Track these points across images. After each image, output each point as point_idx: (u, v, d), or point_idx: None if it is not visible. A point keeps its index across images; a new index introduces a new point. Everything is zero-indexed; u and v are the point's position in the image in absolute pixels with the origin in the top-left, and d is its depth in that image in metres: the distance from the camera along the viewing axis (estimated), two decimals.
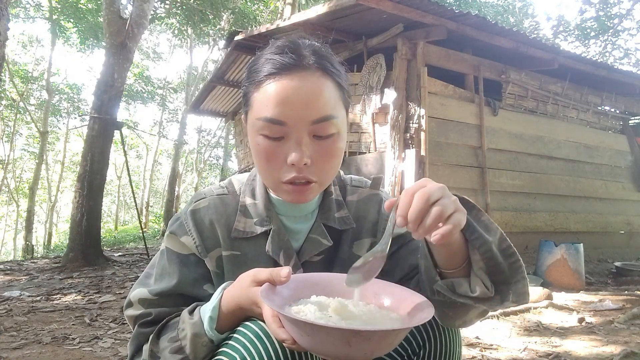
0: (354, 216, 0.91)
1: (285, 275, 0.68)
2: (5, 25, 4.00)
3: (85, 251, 5.49)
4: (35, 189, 14.77)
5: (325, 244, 0.87)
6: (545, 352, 2.37)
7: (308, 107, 0.75)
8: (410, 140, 4.52)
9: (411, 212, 0.61)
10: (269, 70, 0.76)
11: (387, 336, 0.60)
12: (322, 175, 0.80)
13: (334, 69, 0.80)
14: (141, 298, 0.83)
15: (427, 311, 0.65)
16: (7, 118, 17.34)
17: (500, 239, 0.68)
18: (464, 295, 0.70)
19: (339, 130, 0.79)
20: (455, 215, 0.61)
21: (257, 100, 0.77)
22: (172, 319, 0.81)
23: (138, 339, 0.82)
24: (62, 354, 2.35)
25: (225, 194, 0.90)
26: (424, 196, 0.61)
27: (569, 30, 14.32)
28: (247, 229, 0.86)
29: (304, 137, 0.76)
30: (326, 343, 0.58)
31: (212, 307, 0.74)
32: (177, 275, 0.84)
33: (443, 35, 4.36)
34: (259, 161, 0.80)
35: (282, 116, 0.74)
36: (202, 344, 0.73)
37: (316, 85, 0.76)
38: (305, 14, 4.79)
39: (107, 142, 5.84)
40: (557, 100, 5.81)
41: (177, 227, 0.87)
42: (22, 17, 12.93)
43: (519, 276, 0.69)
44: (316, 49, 0.79)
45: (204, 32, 12.44)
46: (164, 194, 19.42)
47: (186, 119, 16.65)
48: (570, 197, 5.82)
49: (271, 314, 0.66)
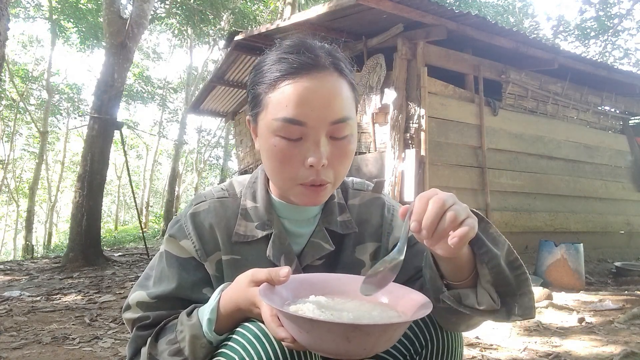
0: (356, 220, 0.91)
1: (285, 275, 0.68)
2: (5, 25, 4.00)
3: (85, 251, 5.50)
4: (35, 189, 14.77)
5: (328, 248, 0.86)
6: (545, 352, 2.37)
7: (328, 108, 0.74)
8: (410, 140, 4.52)
9: (427, 217, 0.61)
10: (286, 70, 0.75)
11: (386, 331, 0.59)
12: (336, 176, 0.80)
13: (347, 69, 0.80)
14: (139, 301, 0.83)
15: (425, 307, 0.65)
16: (7, 118, 17.34)
17: (508, 251, 0.68)
18: (470, 307, 0.69)
19: (353, 132, 0.79)
20: (469, 220, 0.62)
21: (274, 101, 0.76)
22: (170, 322, 0.80)
23: (136, 342, 0.81)
24: (62, 354, 2.35)
25: (225, 196, 0.89)
26: (439, 202, 0.61)
27: (569, 30, 14.33)
28: (248, 233, 0.85)
29: (322, 138, 0.75)
30: (325, 339, 0.58)
31: (211, 309, 0.73)
32: (176, 279, 0.83)
33: (443, 35, 4.36)
34: (273, 162, 0.78)
35: (302, 116, 0.74)
36: (201, 346, 0.73)
37: (335, 86, 0.76)
38: (305, 14, 4.79)
39: (107, 142, 5.84)
40: (557, 100, 5.81)
41: (177, 230, 0.86)
42: (22, 17, 12.93)
43: (525, 289, 0.68)
44: (329, 50, 0.80)
45: (204, 32, 12.44)
46: (164, 194, 19.42)
47: (186, 119, 16.66)
48: (570, 197, 5.82)
49: (270, 312, 0.65)
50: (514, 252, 0.69)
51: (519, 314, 0.68)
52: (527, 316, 0.68)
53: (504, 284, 0.67)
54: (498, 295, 0.68)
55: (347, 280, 0.77)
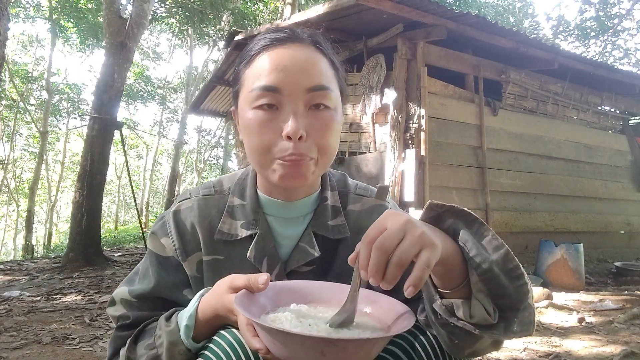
0: (354, 227, 0.85)
1: (263, 282, 0.65)
2: (5, 25, 4.00)
3: (85, 251, 5.49)
4: (35, 189, 14.77)
5: (312, 253, 0.81)
6: (545, 352, 2.37)
7: (303, 73, 0.72)
8: (410, 140, 4.52)
9: (370, 267, 0.55)
10: (262, 45, 0.75)
11: (363, 346, 0.56)
12: (320, 151, 0.74)
13: (327, 48, 0.79)
14: (122, 298, 0.83)
15: (407, 320, 0.62)
16: (7, 118, 17.33)
17: (506, 258, 0.61)
18: (463, 319, 0.62)
19: (335, 107, 0.76)
20: (421, 257, 0.55)
21: (250, 75, 0.75)
22: (150, 324, 0.79)
23: (116, 342, 0.81)
24: (62, 354, 2.35)
25: (211, 194, 0.86)
26: (381, 247, 0.55)
27: (569, 30, 14.33)
28: (232, 232, 0.82)
29: (300, 106, 0.72)
30: (300, 353, 0.56)
31: (189, 315, 0.72)
32: (155, 278, 0.82)
33: (443, 35, 4.36)
34: (250, 138, 0.74)
35: (276, 82, 0.71)
36: (179, 353, 0.72)
37: (311, 55, 0.75)
38: (305, 14, 4.79)
39: (107, 142, 5.84)
40: (557, 100, 5.81)
41: (159, 227, 0.85)
42: (22, 17, 12.92)
43: (526, 303, 0.61)
44: (311, 32, 0.79)
45: (204, 32, 12.43)
46: (164, 194, 19.43)
47: (186, 119, 16.66)
48: (570, 197, 5.82)
49: (245, 322, 0.63)
50: (515, 259, 0.61)
51: (517, 330, 0.61)
52: (525, 333, 0.61)
53: (500, 294, 0.61)
54: (497, 308, 0.62)
55: (330, 289, 0.73)
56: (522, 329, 0.61)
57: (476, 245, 0.61)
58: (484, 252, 0.61)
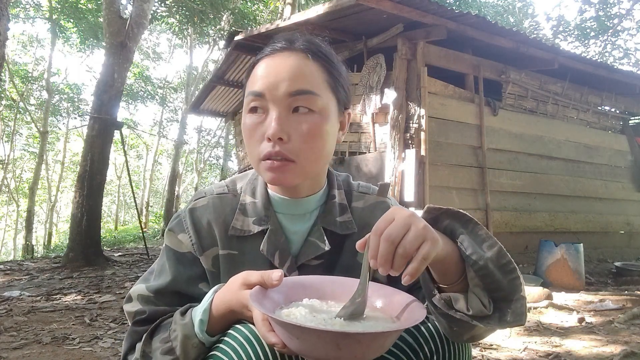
0: (358, 223, 0.90)
1: (277, 279, 0.67)
2: (5, 25, 4.01)
3: (85, 251, 5.50)
4: (35, 189, 14.77)
5: (322, 247, 0.85)
6: (545, 352, 2.37)
7: (286, 79, 0.76)
8: (410, 140, 4.52)
9: (379, 257, 0.60)
10: (262, 55, 0.82)
11: (377, 338, 0.59)
12: (301, 155, 0.78)
13: (324, 56, 0.82)
14: (139, 294, 0.84)
15: (419, 313, 0.64)
16: (7, 118, 17.33)
17: (499, 254, 0.66)
18: (461, 311, 0.68)
19: (322, 111, 0.79)
20: (421, 250, 0.59)
21: (248, 82, 0.82)
22: (166, 319, 0.81)
23: (132, 337, 0.82)
24: (62, 354, 2.35)
25: (225, 193, 0.90)
26: (388, 238, 0.59)
27: (569, 30, 14.33)
28: (245, 228, 0.86)
29: (282, 110, 0.77)
30: (316, 346, 0.58)
31: (203, 310, 0.73)
32: (172, 272, 0.84)
33: (443, 35, 4.36)
34: (245, 142, 0.81)
35: (262, 88, 0.77)
36: (193, 346, 0.73)
37: (299, 63, 0.78)
38: (305, 14, 4.79)
39: (107, 142, 5.84)
40: (557, 100, 5.81)
41: (176, 224, 0.88)
42: (22, 17, 12.92)
43: (518, 295, 0.67)
44: (310, 38, 0.82)
45: (204, 32, 12.44)
46: (164, 194, 19.42)
47: (186, 119, 16.65)
48: (570, 197, 5.82)
49: (261, 317, 0.65)
50: (507, 255, 0.67)
51: (510, 320, 0.66)
52: (518, 322, 0.66)
53: (495, 288, 0.66)
54: (492, 300, 0.67)
55: (341, 283, 0.75)
56: (515, 319, 0.66)
57: (472, 244, 0.67)
58: (480, 250, 0.66)
